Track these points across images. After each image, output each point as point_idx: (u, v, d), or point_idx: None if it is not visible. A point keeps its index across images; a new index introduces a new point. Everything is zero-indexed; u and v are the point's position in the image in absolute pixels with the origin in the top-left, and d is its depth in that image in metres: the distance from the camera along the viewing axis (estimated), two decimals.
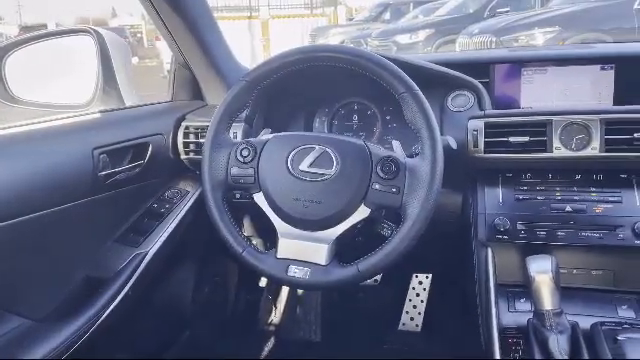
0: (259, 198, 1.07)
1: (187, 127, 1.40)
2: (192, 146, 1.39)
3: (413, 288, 1.92)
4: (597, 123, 1.14)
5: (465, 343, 1.28)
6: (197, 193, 1.40)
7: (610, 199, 1.16)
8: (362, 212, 1.01)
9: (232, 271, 1.84)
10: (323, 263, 1.02)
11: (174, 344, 1.57)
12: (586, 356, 0.92)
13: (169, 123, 1.40)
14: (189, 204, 1.38)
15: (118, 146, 1.24)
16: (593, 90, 1.27)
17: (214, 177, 1.09)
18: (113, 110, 1.34)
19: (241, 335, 1.87)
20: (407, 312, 1.91)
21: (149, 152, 1.32)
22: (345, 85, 1.38)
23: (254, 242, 1.27)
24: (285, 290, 1.98)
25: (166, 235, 1.30)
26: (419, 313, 1.89)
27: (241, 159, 1.08)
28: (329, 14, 16.12)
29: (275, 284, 1.91)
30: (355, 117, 1.45)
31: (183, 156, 1.40)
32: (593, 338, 0.98)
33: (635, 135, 1.11)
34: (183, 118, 1.42)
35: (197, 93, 1.54)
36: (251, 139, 1.11)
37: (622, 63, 1.25)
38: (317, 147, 1.05)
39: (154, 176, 1.37)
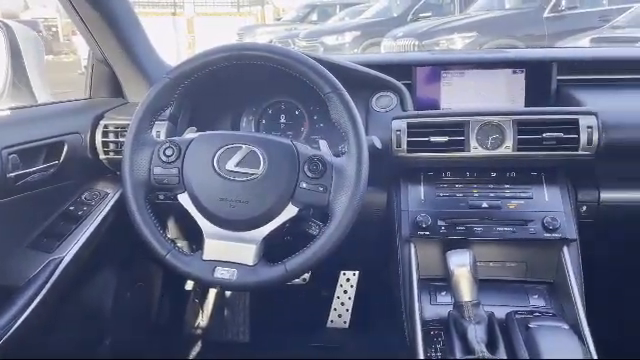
0: (184, 199, 1.04)
1: (106, 126, 1.34)
2: (112, 145, 1.34)
3: (341, 285, 1.95)
4: (510, 124, 1.20)
5: (391, 337, 1.31)
6: (117, 194, 1.34)
7: (522, 195, 1.23)
8: (290, 211, 1.02)
9: (156, 275, 1.78)
10: (250, 263, 1.01)
11: (93, 353, 1.50)
12: (501, 344, 0.97)
13: (86, 121, 1.33)
14: (109, 206, 1.32)
15: (30, 145, 1.17)
16: (507, 92, 1.35)
17: (135, 177, 1.05)
18: (24, 107, 1.26)
19: (166, 340, 1.81)
20: (335, 309, 1.93)
21: (65, 152, 1.25)
22: (273, 84, 1.38)
23: (179, 244, 1.24)
24: (212, 292, 1.94)
25: (84, 239, 1.24)
26: (347, 310, 1.92)
27: (164, 158, 1.04)
28: (256, 13, 16.02)
29: (202, 287, 1.87)
30: (283, 117, 1.45)
31: (102, 156, 1.34)
32: (508, 327, 1.04)
33: (544, 135, 1.19)
34: (102, 116, 1.36)
35: (117, 90, 1.47)
36: (175, 138, 1.08)
37: (532, 67, 1.33)
38: (244, 146, 1.04)
39: (71, 177, 1.30)
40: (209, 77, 1.09)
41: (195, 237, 1.08)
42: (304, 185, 1.01)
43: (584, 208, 1.26)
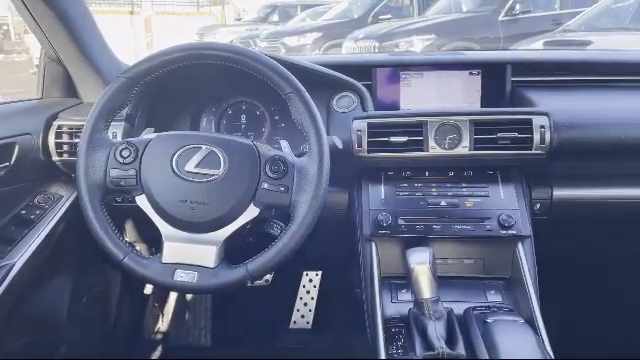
0: (142, 201, 1.02)
1: (60, 126, 1.30)
2: (66, 147, 1.30)
3: (304, 286, 1.95)
4: (467, 124, 1.23)
5: (353, 336, 1.32)
6: (72, 197, 1.30)
7: (479, 194, 1.26)
8: (251, 212, 1.01)
9: (114, 279, 1.74)
10: (211, 266, 1.00)
11: None
12: (460, 339, 0.99)
13: (39, 122, 1.29)
14: (63, 210, 1.28)
15: None
16: (463, 93, 1.38)
17: (91, 180, 1.02)
18: None
19: (125, 346, 1.77)
20: (298, 310, 1.93)
21: (15, 153, 1.21)
22: (233, 84, 1.37)
23: (137, 248, 1.21)
24: (173, 296, 1.91)
25: (36, 244, 1.20)
26: (310, 310, 1.92)
27: (121, 160, 1.02)
28: (217, 13, 15.85)
29: (161, 290, 1.84)
30: (243, 117, 1.44)
31: (55, 158, 1.30)
32: (466, 322, 1.06)
33: (499, 135, 1.22)
34: (55, 117, 1.32)
35: (71, 90, 1.43)
36: (132, 139, 1.06)
37: (487, 69, 1.37)
38: (204, 147, 1.02)
39: (22, 180, 1.26)
40: (167, 77, 1.07)
41: (154, 240, 1.06)
42: (265, 186, 1.00)
43: (538, 205, 1.31)
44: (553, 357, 0.99)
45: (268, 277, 1.73)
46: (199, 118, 1.43)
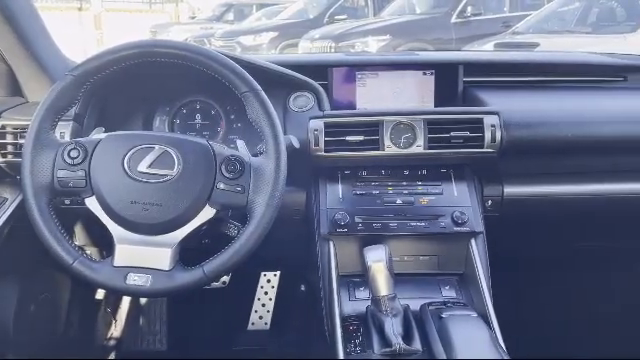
0: (92, 203, 0.99)
1: (3, 126, 1.24)
2: (10, 148, 1.24)
3: (262, 287, 1.94)
4: (421, 123, 1.25)
5: (311, 335, 1.32)
6: (17, 200, 1.25)
7: (433, 192, 1.28)
8: (207, 213, 1.00)
9: (63, 285, 1.67)
10: (166, 268, 0.98)
11: None
12: (416, 334, 1.01)
13: None
14: (7, 213, 1.23)
15: None
16: (418, 93, 1.40)
17: (37, 181, 0.98)
18: None
19: (77, 354, 1.71)
20: (256, 311, 1.92)
21: None
22: (187, 83, 1.34)
23: (88, 251, 1.17)
24: (126, 301, 1.86)
25: None
26: (268, 311, 1.91)
27: (69, 161, 0.99)
28: (170, 11, 15.54)
29: (114, 295, 1.79)
30: (198, 116, 1.41)
31: None
32: (422, 318, 1.08)
33: (452, 134, 1.25)
34: None
35: (15, 89, 1.37)
36: (81, 139, 1.03)
37: (440, 69, 1.39)
38: (157, 147, 1.00)
39: None
40: (118, 75, 1.04)
41: (105, 243, 1.03)
42: (221, 186, 0.99)
43: (489, 202, 1.34)
44: (505, 349, 1.02)
45: (225, 279, 1.72)
46: (152, 118, 1.40)
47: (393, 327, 0.99)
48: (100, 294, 1.80)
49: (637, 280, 1.87)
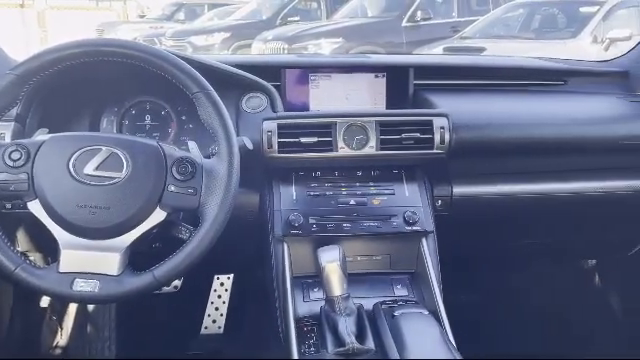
0: (35, 207, 0.95)
1: None
2: None
3: (215, 290, 1.92)
4: (373, 125, 1.27)
5: (266, 337, 1.32)
6: None
7: (385, 192, 1.30)
8: (158, 216, 0.98)
9: (5, 292, 1.60)
10: (114, 273, 0.95)
11: None
12: (369, 333, 1.02)
13: None
14: None
15: None
16: (370, 95, 1.42)
17: None
18: None
19: None
20: (209, 315, 1.89)
21: None
22: (136, 83, 1.31)
23: (31, 257, 1.13)
24: (73, 307, 1.79)
25: None
26: (221, 315, 1.89)
27: (10, 163, 0.94)
28: (118, 9, 15.10)
29: (59, 302, 1.72)
30: (148, 117, 1.38)
31: None
32: (375, 316, 1.09)
33: (403, 135, 1.27)
34: None
35: None
36: (23, 140, 0.99)
37: (391, 72, 1.42)
38: (104, 148, 0.97)
39: None
40: (63, 74, 1.01)
41: (50, 249, 0.99)
42: (172, 188, 0.97)
43: (439, 202, 1.38)
44: (455, 345, 1.04)
45: (177, 283, 1.69)
46: (99, 118, 1.36)
47: (346, 326, 1.00)
48: (45, 301, 1.73)
49: (578, 275, 1.96)
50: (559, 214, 1.53)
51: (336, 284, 1.04)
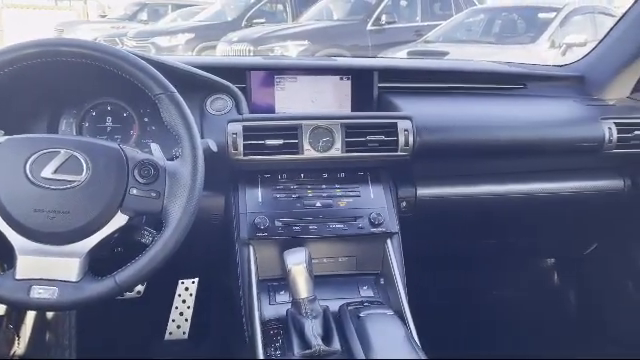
0: None
1: None
2: None
3: (179, 295, 1.89)
4: (338, 127, 1.28)
5: (232, 342, 1.30)
6: None
7: (351, 194, 1.31)
8: (119, 220, 0.95)
9: None
10: (74, 279, 0.92)
11: None
12: (336, 335, 1.03)
13: None
14: None
15: None
16: (335, 98, 1.43)
17: None
18: None
19: None
20: (174, 320, 1.86)
21: None
22: (97, 85, 1.28)
23: None
24: (31, 315, 1.73)
25: None
26: (186, 320, 1.86)
27: None
28: (78, 9, 14.72)
29: (16, 310, 1.66)
30: (109, 119, 1.35)
31: None
32: (341, 318, 1.10)
33: (368, 138, 1.28)
34: None
35: None
36: None
37: (356, 75, 1.43)
38: (63, 151, 0.94)
39: None
40: (20, 74, 0.98)
41: (5, 255, 0.95)
42: (135, 191, 0.95)
43: (404, 204, 1.40)
44: (419, 345, 1.06)
45: (140, 288, 1.66)
46: (57, 120, 1.32)
47: (313, 329, 1.00)
48: (1, 309, 1.67)
49: (538, 274, 2.02)
50: (519, 214, 1.57)
51: (302, 286, 1.04)
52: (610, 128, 1.42)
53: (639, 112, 1.49)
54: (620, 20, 1.52)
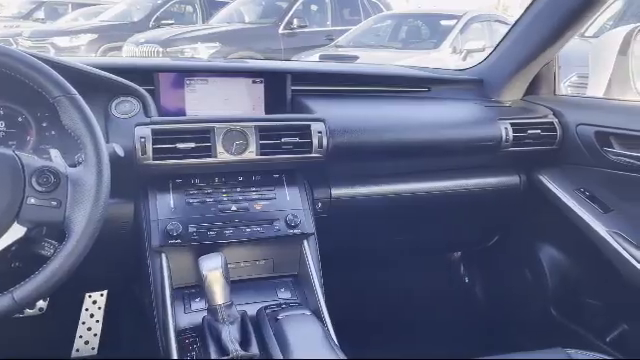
0: None
1: None
2: None
3: (87, 309, 1.78)
4: (252, 130, 1.27)
5: (144, 354, 1.25)
6: None
7: (267, 196, 1.31)
8: (16, 232, 0.89)
9: None
10: None
11: None
12: (254, 339, 1.02)
13: None
14: None
15: None
16: (248, 100, 1.42)
17: None
18: None
19: None
20: (81, 336, 1.75)
21: None
22: None
23: None
24: None
25: None
26: (95, 335, 1.76)
27: None
28: None
29: None
30: (2, 124, 1.25)
31: None
32: (259, 322, 1.09)
33: (282, 140, 1.28)
34: None
35: None
36: None
37: (270, 77, 1.43)
38: None
39: None
40: None
41: None
42: (32, 201, 0.89)
43: (319, 205, 1.41)
44: (337, 344, 1.07)
45: (42, 304, 1.55)
46: None
47: (230, 334, 0.99)
48: None
49: (446, 267, 2.12)
50: (427, 211, 1.64)
51: (218, 292, 1.02)
52: (506, 128, 1.52)
53: (532, 113, 1.61)
54: (512, 28, 1.64)
